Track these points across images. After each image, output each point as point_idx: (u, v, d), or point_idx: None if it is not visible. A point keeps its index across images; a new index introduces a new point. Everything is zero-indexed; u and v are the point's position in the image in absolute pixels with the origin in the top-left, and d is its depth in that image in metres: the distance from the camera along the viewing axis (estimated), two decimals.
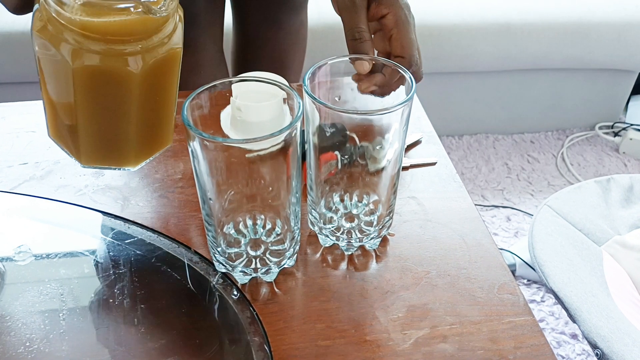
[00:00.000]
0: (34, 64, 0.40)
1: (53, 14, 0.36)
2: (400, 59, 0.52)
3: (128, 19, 0.36)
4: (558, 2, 1.67)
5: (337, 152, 0.50)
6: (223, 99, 0.47)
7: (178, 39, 0.41)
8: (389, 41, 0.54)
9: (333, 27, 1.52)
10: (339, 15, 0.56)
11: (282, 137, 0.41)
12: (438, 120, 0.70)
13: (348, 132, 0.48)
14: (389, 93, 0.50)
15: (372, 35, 0.55)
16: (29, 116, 0.66)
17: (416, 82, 0.53)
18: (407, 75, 0.46)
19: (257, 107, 0.54)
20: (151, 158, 0.48)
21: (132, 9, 0.36)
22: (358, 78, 0.51)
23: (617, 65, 1.75)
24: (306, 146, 0.49)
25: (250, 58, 1.09)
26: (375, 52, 0.55)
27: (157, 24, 0.38)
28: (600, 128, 1.88)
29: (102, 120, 0.41)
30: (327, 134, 0.48)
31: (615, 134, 1.85)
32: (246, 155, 0.42)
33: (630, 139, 1.76)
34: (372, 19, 0.54)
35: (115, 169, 0.46)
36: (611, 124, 1.88)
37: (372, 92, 0.51)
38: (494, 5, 1.64)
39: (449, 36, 1.59)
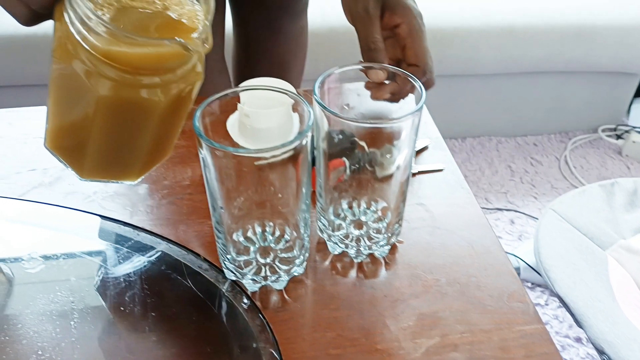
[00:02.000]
0: (34, 68, 0.40)
1: (78, 38, 0.35)
2: (414, 68, 0.53)
3: (162, 54, 0.36)
4: (561, 5, 1.67)
5: (344, 159, 0.50)
6: (230, 105, 0.47)
7: (201, 66, 0.41)
8: (403, 50, 0.54)
9: (336, 30, 1.52)
10: (353, 25, 0.56)
11: (293, 145, 0.41)
12: (441, 123, 0.70)
13: (356, 139, 0.48)
14: (400, 100, 0.51)
15: None
16: (37, 122, 0.66)
17: (428, 89, 0.54)
18: (417, 84, 0.46)
19: (265, 114, 0.54)
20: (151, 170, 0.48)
21: (168, 45, 0.36)
22: (371, 86, 0.51)
23: (620, 68, 1.75)
24: (315, 152, 0.49)
25: (251, 64, 1.10)
26: None
27: (189, 57, 0.38)
28: (603, 131, 1.88)
29: (117, 141, 0.41)
30: (335, 141, 0.48)
31: (618, 137, 1.85)
32: (255, 163, 0.42)
33: (633, 142, 1.76)
34: (385, 28, 0.54)
35: (115, 182, 0.46)
36: (614, 126, 1.88)
37: (385, 99, 0.51)
38: (497, 8, 1.64)
39: (452, 39, 1.59)
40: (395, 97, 0.51)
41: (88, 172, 0.44)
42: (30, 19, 0.37)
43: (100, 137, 0.40)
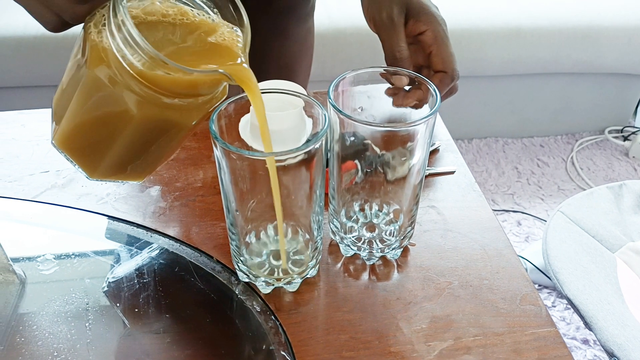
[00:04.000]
0: (44, 69, 0.40)
1: (117, 55, 0.35)
2: (442, 74, 0.53)
3: (202, 80, 0.37)
4: (568, 7, 1.67)
5: (356, 161, 0.50)
6: (244, 107, 0.47)
7: (226, 84, 0.42)
8: (428, 57, 0.54)
9: (343, 32, 1.52)
10: (376, 33, 0.56)
11: (308, 148, 0.41)
12: (448, 124, 0.70)
13: (369, 141, 0.48)
14: (423, 106, 0.51)
15: None
16: (49, 124, 0.66)
17: (451, 95, 0.54)
18: (432, 88, 0.46)
19: (277, 116, 0.54)
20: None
21: (213, 74, 0.37)
22: (394, 92, 0.51)
23: (627, 70, 1.75)
24: (329, 154, 0.49)
25: (257, 66, 1.10)
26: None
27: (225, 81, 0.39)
28: (609, 132, 1.88)
29: (138, 150, 0.42)
30: (348, 143, 0.48)
31: (625, 138, 1.84)
32: (267, 165, 0.42)
33: None
34: (409, 35, 0.54)
35: (122, 182, 0.47)
36: (621, 128, 1.88)
37: (409, 106, 0.51)
38: (504, 9, 1.64)
39: (459, 40, 1.59)
40: (418, 105, 0.51)
41: (100, 174, 0.45)
42: (59, 27, 0.38)
43: (123, 147, 0.40)
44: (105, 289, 0.49)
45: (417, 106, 0.51)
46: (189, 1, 0.40)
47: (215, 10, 0.41)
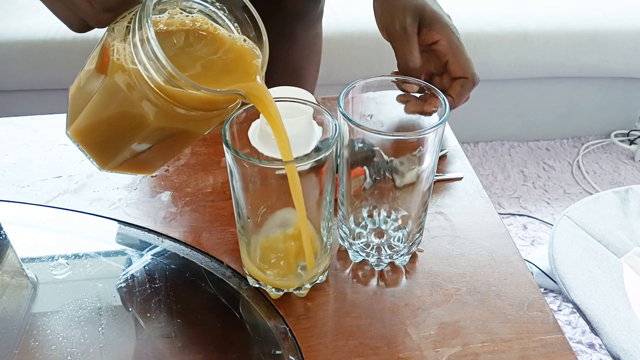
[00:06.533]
0: (53, 72, 0.41)
1: (139, 67, 0.35)
2: (463, 80, 0.53)
3: (220, 98, 0.38)
4: (574, 11, 1.67)
5: (365, 167, 0.50)
6: (253, 114, 0.48)
7: None
8: (446, 65, 0.54)
9: (349, 36, 1.53)
10: (389, 41, 0.56)
11: (319, 157, 0.41)
12: (454, 128, 0.71)
13: (377, 148, 0.48)
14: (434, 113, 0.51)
15: None
16: (61, 129, 0.67)
17: (467, 101, 0.54)
18: (441, 97, 0.46)
19: (287, 123, 0.55)
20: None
21: (230, 94, 0.37)
22: (405, 99, 0.51)
23: (634, 74, 1.75)
24: (338, 160, 0.50)
25: (265, 71, 1.10)
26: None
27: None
28: (615, 136, 1.87)
29: (152, 150, 0.42)
30: (356, 149, 0.49)
31: (631, 142, 1.84)
32: (276, 172, 0.43)
33: None
34: (423, 45, 0.54)
35: (132, 174, 0.48)
36: (627, 131, 1.88)
37: (420, 113, 0.52)
38: (511, 13, 1.64)
39: (465, 44, 1.59)
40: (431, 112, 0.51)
41: (111, 167, 0.45)
42: (84, 29, 0.39)
43: (135, 146, 0.41)
44: (119, 287, 0.49)
45: (428, 113, 0.51)
46: (211, 13, 0.41)
47: (236, 24, 0.41)
